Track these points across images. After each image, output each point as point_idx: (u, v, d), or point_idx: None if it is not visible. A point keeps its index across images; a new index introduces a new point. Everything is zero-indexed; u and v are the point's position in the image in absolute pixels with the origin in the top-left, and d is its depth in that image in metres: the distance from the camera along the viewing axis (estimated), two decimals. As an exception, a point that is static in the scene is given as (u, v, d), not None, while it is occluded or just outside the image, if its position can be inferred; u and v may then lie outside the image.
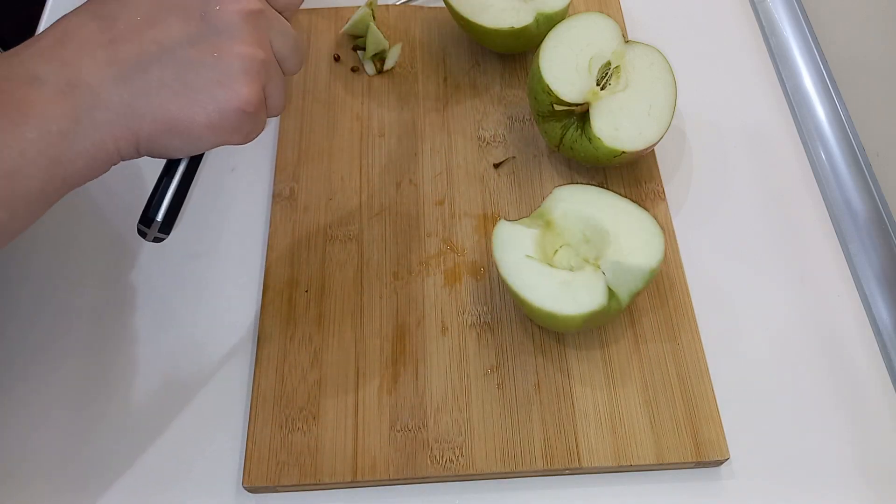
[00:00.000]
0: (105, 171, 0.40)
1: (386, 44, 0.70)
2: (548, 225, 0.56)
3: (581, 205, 0.56)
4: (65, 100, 0.37)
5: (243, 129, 0.42)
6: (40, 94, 0.37)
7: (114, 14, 0.39)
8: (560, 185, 0.57)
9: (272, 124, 0.68)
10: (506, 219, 0.57)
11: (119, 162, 0.40)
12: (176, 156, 0.42)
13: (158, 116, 0.39)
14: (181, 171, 0.43)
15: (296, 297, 0.58)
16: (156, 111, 0.39)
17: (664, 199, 0.63)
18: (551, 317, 0.51)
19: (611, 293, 0.52)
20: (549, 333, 0.56)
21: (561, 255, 0.56)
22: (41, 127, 0.37)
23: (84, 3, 0.41)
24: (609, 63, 0.61)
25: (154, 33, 0.39)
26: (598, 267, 0.53)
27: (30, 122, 0.36)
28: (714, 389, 0.54)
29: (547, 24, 0.65)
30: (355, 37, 0.72)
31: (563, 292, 0.51)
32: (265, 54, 0.41)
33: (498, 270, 0.54)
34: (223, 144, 0.42)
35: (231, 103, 0.40)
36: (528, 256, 0.53)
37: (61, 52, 0.38)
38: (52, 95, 0.37)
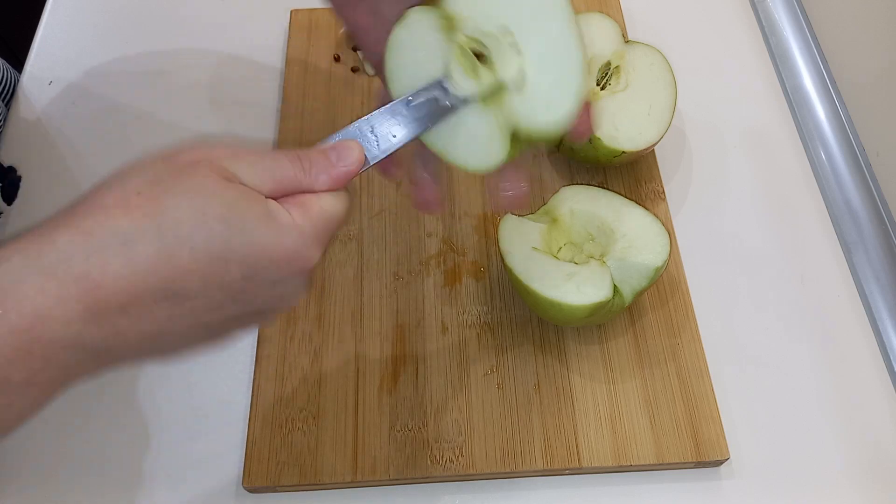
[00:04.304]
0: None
1: (386, 44, 0.70)
2: (554, 222, 0.56)
3: (588, 204, 0.56)
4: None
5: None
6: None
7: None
8: (567, 185, 0.58)
9: (272, 125, 0.68)
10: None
11: None
12: None
13: (140, 354, 0.29)
14: None
15: (296, 297, 0.58)
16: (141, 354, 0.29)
17: (664, 199, 0.63)
18: (556, 307, 0.51)
19: (615, 289, 0.52)
20: (549, 333, 0.56)
21: (565, 253, 0.56)
22: None
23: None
24: (609, 63, 0.61)
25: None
26: (604, 263, 0.53)
27: None
28: (714, 389, 0.54)
29: (547, 24, 0.65)
30: (355, 37, 0.72)
31: (569, 283, 0.51)
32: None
33: (504, 262, 0.54)
34: None
35: (244, 332, 0.34)
36: (534, 249, 0.53)
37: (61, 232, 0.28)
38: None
